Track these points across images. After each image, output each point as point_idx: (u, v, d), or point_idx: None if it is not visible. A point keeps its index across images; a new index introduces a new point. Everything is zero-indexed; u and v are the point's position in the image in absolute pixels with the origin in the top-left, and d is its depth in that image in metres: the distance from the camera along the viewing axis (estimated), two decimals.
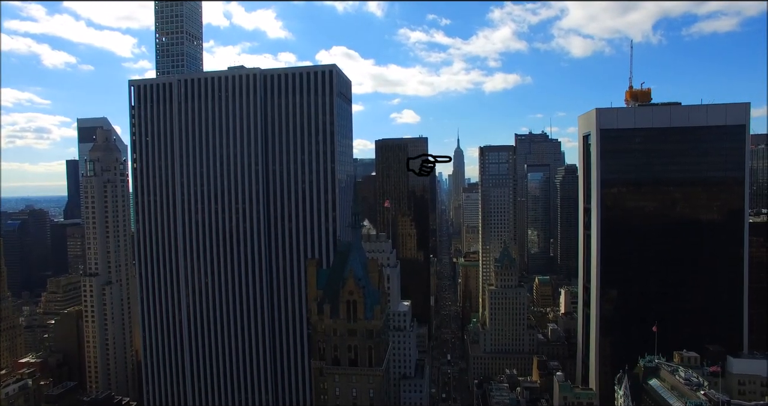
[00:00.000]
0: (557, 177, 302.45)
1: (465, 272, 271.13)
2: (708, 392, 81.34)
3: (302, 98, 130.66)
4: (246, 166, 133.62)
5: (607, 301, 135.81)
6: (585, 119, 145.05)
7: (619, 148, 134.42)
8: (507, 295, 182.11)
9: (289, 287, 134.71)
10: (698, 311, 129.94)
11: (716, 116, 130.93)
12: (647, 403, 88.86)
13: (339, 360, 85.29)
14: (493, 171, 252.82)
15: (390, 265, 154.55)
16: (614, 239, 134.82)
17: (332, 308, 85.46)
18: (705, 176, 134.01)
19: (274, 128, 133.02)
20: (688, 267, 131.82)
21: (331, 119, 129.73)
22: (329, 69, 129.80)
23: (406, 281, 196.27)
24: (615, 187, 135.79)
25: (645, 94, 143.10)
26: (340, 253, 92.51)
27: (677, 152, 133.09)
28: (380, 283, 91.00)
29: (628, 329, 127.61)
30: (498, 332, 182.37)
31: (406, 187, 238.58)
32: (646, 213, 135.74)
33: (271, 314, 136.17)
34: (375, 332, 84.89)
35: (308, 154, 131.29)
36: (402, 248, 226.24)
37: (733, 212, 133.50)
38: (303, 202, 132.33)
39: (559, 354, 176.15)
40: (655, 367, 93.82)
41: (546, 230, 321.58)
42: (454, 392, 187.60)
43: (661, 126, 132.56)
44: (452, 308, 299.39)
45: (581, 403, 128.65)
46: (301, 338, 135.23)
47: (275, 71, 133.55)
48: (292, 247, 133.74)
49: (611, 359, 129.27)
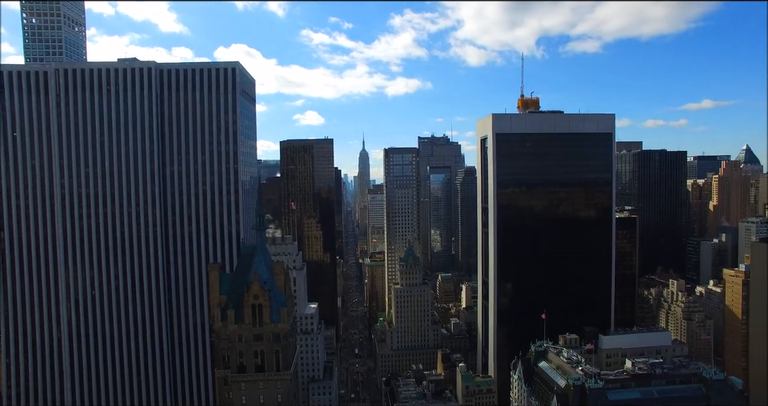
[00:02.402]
0: (458, 178, 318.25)
1: (371, 272, 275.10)
2: (584, 368, 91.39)
3: (203, 96, 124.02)
4: (139, 167, 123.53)
5: (503, 294, 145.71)
6: (482, 124, 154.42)
7: (512, 151, 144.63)
8: (412, 293, 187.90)
9: (190, 294, 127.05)
10: (579, 297, 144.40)
11: (590, 124, 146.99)
12: (537, 383, 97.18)
13: (245, 367, 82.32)
14: (397, 173, 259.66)
15: (296, 267, 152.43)
16: (509, 236, 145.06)
17: (236, 313, 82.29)
18: (583, 178, 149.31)
19: (171, 127, 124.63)
20: (571, 259, 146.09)
21: (234, 118, 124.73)
22: (232, 66, 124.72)
23: (313, 283, 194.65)
24: (509, 187, 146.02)
25: (534, 103, 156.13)
26: (244, 256, 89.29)
27: (561, 156, 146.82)
28: (286, 286, 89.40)
29: (522, 318, 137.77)
30: (404, 330, 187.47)
31: (311, 189, 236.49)
32: (536, 212, 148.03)
33: (169, 324, 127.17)
34: (282, 335, 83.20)
35: (209, 155, 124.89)
36: (308, 250, 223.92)
37: (603, 210, 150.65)
38: (204, 204, 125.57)
39: (462, 346, 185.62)
40: (543, 350, 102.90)
41: (448, 229, 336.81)
42: (364, 391, 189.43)
43: (548, 132, 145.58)
44: (359, 309, 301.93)
45: (481, 390, 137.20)
46: (203, 347, 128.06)
47: (173, 66, 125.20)
48: (192, 252, 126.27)
49: (507, 347, 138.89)
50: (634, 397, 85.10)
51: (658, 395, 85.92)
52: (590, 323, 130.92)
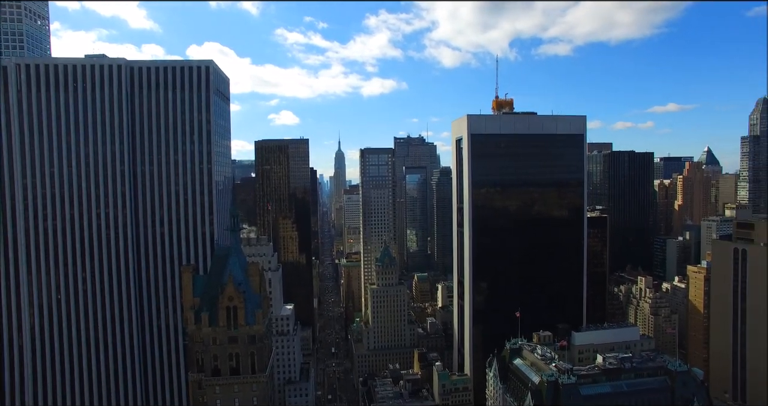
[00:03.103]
0: (433, 179, 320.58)
1: (347, 272, 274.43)
2: (558, 364, 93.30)
3: (176, 95, 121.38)
4: (108, 167, 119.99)
5: (478, 293, 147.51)
6: (457, 125, 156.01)
7: (487, 152, 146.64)
8: (388, 293, 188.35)
9: (162, 297, 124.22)
10: (552, 295, 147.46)
11: (563, 126, 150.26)
12: (512, 380, 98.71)
13: (219, 370, 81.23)
14: (373, 173, 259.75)
15: (271, 268, 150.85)
16: (484, 236, 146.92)
17: (211, 315, 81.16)
18: (556, 178, 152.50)
19: (142, 126, 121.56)
20: (544, 258, 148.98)
21: (208, 118, 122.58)
22: (206, 65, 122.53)
23: (289, 284, 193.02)
24: (484, 187, 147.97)
25: (508, 104, 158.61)
26: (218, 257, 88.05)
27: (534, 156, 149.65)
28: (262, 287, 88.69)
29: (497, 317, 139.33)
30: (380, 330, 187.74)
31: (287, 190, 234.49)
32: (511, 211, 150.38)
33: (140, 328, 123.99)
34: (257, 337, 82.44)
35: (182, 155, 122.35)
36: (284, 251, 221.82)
37: (575, 209, 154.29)
38: (177, 205, 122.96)
39: (438, 345, 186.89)
40: (518, 348, 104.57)
41: (424, 229, 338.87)
42: (340, 392, 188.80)
43: (522, 133, 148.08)
44: (336, 309, 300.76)
45: (458, 388, 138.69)
46: (176, 352, 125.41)
47: (144, 64, 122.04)
48: (164, 254, 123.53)
49: (483, 346, 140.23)
50: (605, 391, 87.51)
51: (627, 388, 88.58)
52: (563, 320, 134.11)
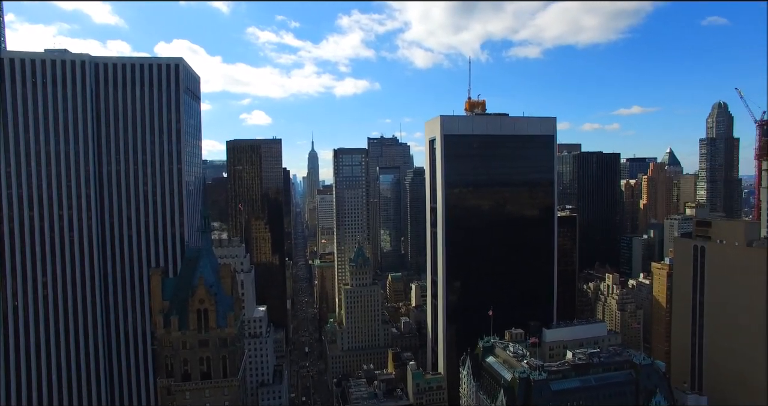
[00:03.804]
0: (407, 179, 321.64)
1: (321, 273, 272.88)
2: (529, 361, 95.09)
3: (143, 92, 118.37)
4: (72, 167, 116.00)
5: (452, 292, 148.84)
6: (431, 125, 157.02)
7: (460, 152, 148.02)
8: (362, 293, 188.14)
9: (129, 301, 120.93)
10: (524, 293, 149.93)
11: (533, 127, 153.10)
12: (485, 378, 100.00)
13: (190, 375, 79.52)
14: (347, 173, 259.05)
15: (244, 270, 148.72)
16: (457, 236, 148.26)
17: (181, 318, 79.39)
18: (527, 178, 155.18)
19: (108, 124, 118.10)
20: (516, 257, 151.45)
21: (178, 117, 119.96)
22: (176, 62, 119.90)
23: (262, 285, 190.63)
24: (457, 187, 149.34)
25: (481, 105, 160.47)
26: (188, 259, 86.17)
27: (506, 157, 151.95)
28: (233, 289, 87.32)
29: (470, 315, 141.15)
30: (355, 330, 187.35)
31: (259, 190, 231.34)
32: (483, 211, 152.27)
33: (106, 334, 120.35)
34: (229, 340, 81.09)
35: (151, 154, 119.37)
36: (256, 252, 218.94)
37: (546, 209, 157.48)
38: (145, 206, 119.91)
39: (412, 345, 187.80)
40: (491, 346, 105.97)
41: (397, 229, 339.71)
42: (315, 393, 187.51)
43: (494, 133, 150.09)
44: (309, 310, 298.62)
45: (432, 387, 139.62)
46: (144, 357, 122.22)
47: (109, 60, 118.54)
48: (132, 256, 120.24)
49: (456, 344, 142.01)
50: (574, 386, 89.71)
51: (596, 382, 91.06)
52: (534, 318, 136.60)
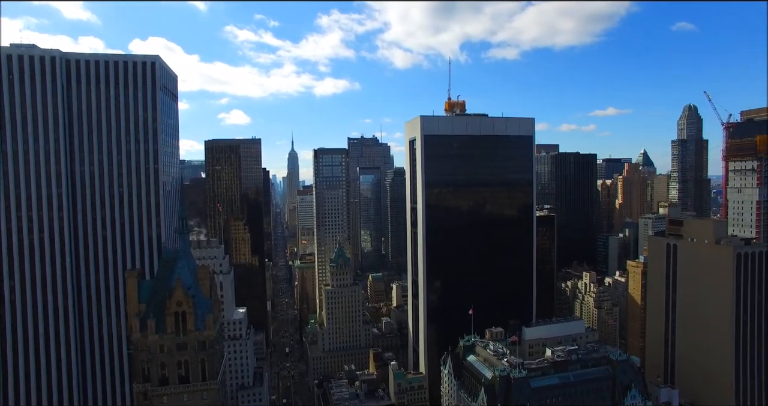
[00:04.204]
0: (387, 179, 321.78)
1: (301, 274, 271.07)
2: (509, 359, 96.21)
3: (118, 90, 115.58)
4: (42, 166, 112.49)
5: (432, 291, 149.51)
6: (411, 125, 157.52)
7: (440, 152, 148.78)
8: (343, 294, 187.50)
9: (104, 304, 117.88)
10: (504, 292, 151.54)
11: (512, 127, 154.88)
12: (466, 377, 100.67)
13: (167, 379, 78.05)
14: (327, 173, 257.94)
15: (223, 271, 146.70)
16: (437, 235, 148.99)
17: (158, 322, 77.87)
18: (506, 178, 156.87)
19: (81, 123, 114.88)
20: (496, 256, 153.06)
21: (154, 116, 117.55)
22: (152, 60, 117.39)
23: (241, 287, 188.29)
24: (437, 188, 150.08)
25: (460, 105, 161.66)
26: (165, 261, 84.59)
27: (486, 157, 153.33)
28: (212, 291, 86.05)
29: (451, 315, 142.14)
30: (336, 331, 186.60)
31: (238, 190, 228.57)
32: (463, 211, 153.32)
33: (79, 339, 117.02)
34: (208, 343, 79.87)
35: (126, 154, 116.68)
36: (235, 254, 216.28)
37: (525, 209, 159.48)
38: (120, 207, 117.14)
39: (393, 345, 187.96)
40: (471, 345, 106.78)
41: (378, 230, 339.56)
42: (296, 395, 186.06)
43: (474, 134, 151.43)
44: (290, 312, 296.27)
45: (413, 387, 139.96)
46: (119, 361, 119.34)
47: (82, 56, 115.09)
48: (106, 259, 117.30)
49: (437, 344, 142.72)
50: (554, 383, 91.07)
51: (574, 379, 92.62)
52: (514, 316, 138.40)
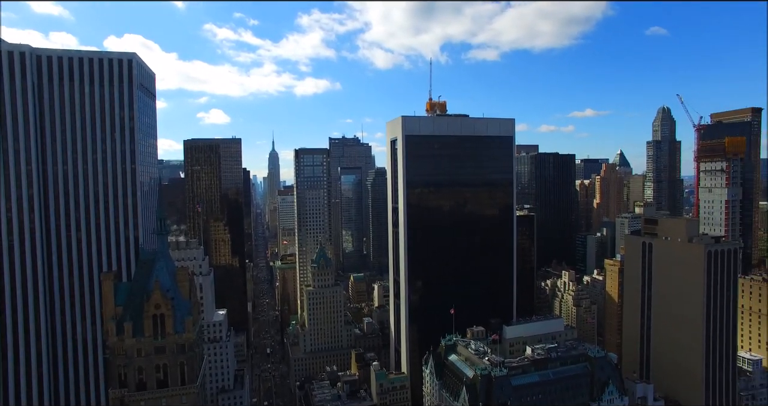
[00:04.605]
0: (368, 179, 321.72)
1: (282, 274, 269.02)
2: (490, 357, 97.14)
3: (93, 88, 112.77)
4: (11, 166, 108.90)
5: (414, 291, 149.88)
6: (392, 126, 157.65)
7: (421, 152, 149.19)
8: (324, 294, 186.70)
9: (79, 308, 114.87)
10: (484, 291, 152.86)
11: (493, 128, 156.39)
12: (448, 376, 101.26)
13: (145, 384, 76.56)
14: (308, 173, 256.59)
15: (202, 273, 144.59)
16: (419, 235, 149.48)
17: (135, 325, 76.32)
18: (487, 178, 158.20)
19: (54, 122, 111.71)
20: (477, 255, 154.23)
21: (131, 115, 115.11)
22: (129, 58, 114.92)
23: (221, 288, 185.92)
24: (419, 188, 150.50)
25: (442, 106, 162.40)
26: (143, 263, 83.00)
27: (467, 157, 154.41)
28: (191, 292, 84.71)
29: (433, 314, 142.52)
30: (317, 332, 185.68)
31: (218, 191, 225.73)
32: (445, 211, 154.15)
33: (51, 344, 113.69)
34: (187, 346, 78.61)
35: (102, 154, 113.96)
36: (215, 255, 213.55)
37: (505, 208, 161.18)
38: (96, 208, 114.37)
39: (375, 345, 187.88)
40: (453, 344, 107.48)
41: (359, 230, 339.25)
42: (277, 397, 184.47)
43: (455, 134, 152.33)
44: (271, 313, 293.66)
45: (395, 387, 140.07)
46: (94, 367, 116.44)
47: (54, 53, 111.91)
48: (81, 261, 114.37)
49: (419, 343, 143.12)
50: (534, 380, 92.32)
51: (554, 376, 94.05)
52: (495, 315, 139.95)
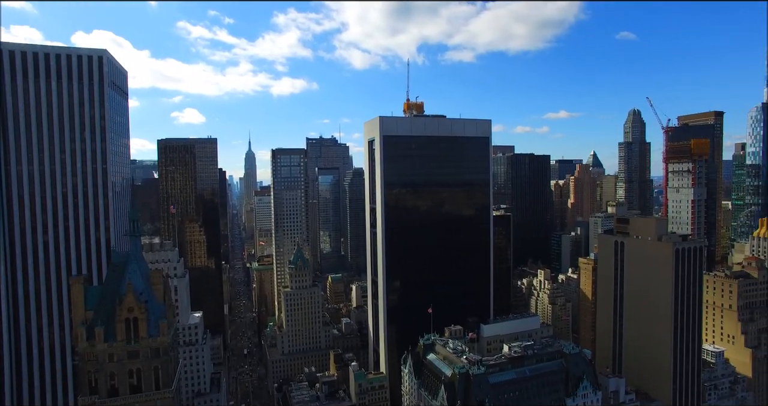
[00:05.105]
0: (346, 180, 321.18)
1: (259, 276, 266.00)
2: (468, 356, 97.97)
3: (61, 86, 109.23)
4: None
5: (392, 291, 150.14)
6: (370, 126, 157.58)
7: (399, 153, 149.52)
8: (302, 295, 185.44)
9: (45, 314, 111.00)
10: (462, 291, 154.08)
11: (470, 129, 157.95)
12: (427, 375, 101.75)
13: (117, 390, 74.65)
14: (285, 174, 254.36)
15: (177, 275, 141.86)
16: (396, 235, 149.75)
17: (107, 329, 74.41)
18: (464, 179, 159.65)
19: (17, 120, 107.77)
20: (454, 255, 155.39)
21: (102, 113, 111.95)
22: (99, 54, 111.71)
23: (197, 290, 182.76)
24: (396, 188, 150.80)
25: (419, 106, 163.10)
26: (115, 265, 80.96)
27: (444, 158, 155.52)
28: (166, 295, 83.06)
29: (411, 314, 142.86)
30: (295, 333, 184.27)
31: (193, 191, 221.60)
32: (422, 211, 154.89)
33: (15, 352, 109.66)
34: (162, 350, 77.01)
35: (71, 153, 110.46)
36: (191, 256, 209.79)
37: (482, 208, 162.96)
38: (65, 209, 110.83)
39: (354, 346, 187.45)
40: (431, 343, 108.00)
41: (337, 230, 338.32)
42: (255, 400, 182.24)
43: (432, 135, 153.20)
44: (248, 315, 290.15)
45: (374, 387, 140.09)
46: (62, 374, 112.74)
47: (18, 47, 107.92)
48: (48, 265, 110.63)
49: (398, 343, 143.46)
50: (511, 378, 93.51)
51: (530, 373, 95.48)
52: (473, 314, 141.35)
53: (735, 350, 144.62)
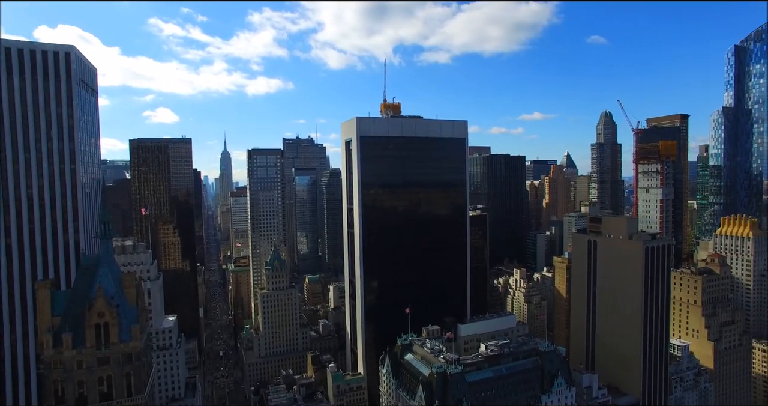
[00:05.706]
0: (323, 180, 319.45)
1: (236, 278, 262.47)
2: (446, 355, 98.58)
3: (25, 83, 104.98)
4: None
5: (369, 292, 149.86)
6: (347, 126, 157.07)
7: (376, 153, 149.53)
8: (279, 297, 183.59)
9: (7, 321, 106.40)
10: (439, 290, 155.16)
11: (446, 129, 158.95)
12: (405, 375, 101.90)
13: (86, 398, 72.44)
14: (261, 174, 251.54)
15: (151, 278, 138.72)
16: (374, 236, 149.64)
17: (75, 335, 72.08)
18: (441, 179, 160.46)
19: None
20: (431, 255, 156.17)
21: (70, 112, 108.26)
22: (66, 50, 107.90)
23: (171, 293, 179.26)
24: (373, 188, 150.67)
25: (396, 107, 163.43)
26: (84, 269, 78.50)
27: (421, 158, 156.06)
28: (139, 299, 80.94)
29: (388, 314, 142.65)
30: (272, 335, 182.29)
31: (167, 192, 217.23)
32: (399, 211, 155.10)
33: None
34: (134, 355, 75.05)
35: (37, 153, 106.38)
36: (164, 259, 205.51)
37: (459, 208, 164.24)
38: (29, 211, 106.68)
39: (331, 347, 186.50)
40: (409, 343, 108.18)
41: (314, 231, 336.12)
42: (231, 404, 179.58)
43: (409, 135, 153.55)
44: (224, 317, 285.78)
45: (352, 388, 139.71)
46: (26, 384, 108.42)
47: None
48: (11, 269, 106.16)
49: (375, 344, 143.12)
50: (488, 376, 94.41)
51: (506, 371, 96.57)
52: (450, 314, 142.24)
53: (699, 344, 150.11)
